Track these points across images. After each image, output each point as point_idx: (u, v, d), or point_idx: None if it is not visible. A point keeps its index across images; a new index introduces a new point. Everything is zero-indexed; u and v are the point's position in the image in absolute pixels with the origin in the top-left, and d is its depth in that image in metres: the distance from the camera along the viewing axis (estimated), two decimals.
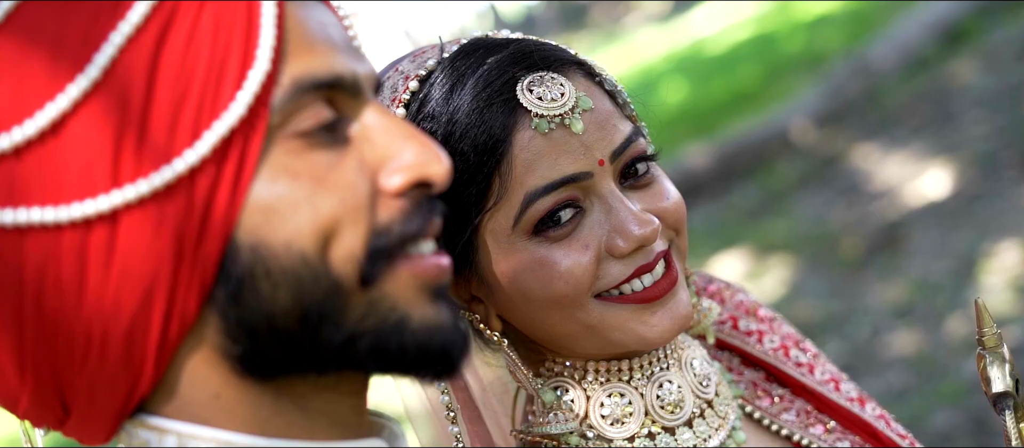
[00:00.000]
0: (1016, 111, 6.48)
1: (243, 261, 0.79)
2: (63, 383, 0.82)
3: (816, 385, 1.41)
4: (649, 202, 1.23)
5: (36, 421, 0.87)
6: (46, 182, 0.77)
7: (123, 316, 0.79)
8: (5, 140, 0.77)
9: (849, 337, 4.94)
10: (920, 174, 6.26)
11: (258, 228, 0.79)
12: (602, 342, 1.24)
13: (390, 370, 0.85)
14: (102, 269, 0.77)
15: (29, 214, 0.77)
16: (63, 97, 0.77)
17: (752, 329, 1.44)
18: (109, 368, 0.80)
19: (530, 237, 1.20)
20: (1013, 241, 5.09)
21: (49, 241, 0.77)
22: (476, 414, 1.32)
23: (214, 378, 0.83)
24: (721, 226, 6.80)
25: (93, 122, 0.77)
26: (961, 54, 7.87)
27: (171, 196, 0.77)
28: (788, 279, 5.74)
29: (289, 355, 0.82)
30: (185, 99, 0.78)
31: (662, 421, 1.27)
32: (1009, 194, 5.59)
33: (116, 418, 0.84)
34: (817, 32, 10.37)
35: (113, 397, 0.82)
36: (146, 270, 0.78)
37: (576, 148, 1.19)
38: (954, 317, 4.73)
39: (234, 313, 0.80)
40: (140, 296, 0.78)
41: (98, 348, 0.79)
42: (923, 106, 7.28)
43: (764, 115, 8.25)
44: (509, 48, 1.23)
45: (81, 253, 0.77)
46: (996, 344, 1.19)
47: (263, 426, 0.84)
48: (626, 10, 20.57)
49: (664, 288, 1.23)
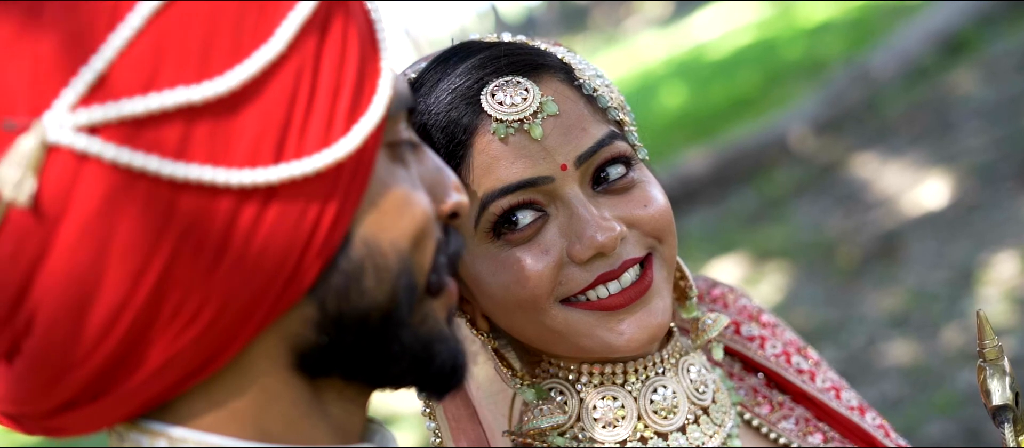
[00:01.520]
0: (1015, 122, 6.48)
1: (355, 255, 0.82)
2: (142, 351, 0.78)
3: (817, 392, 1.41)
4: (624, 208, 1.23)
5: (51, 394, 0.81)
6: (216, 143, 0.76)
7: (242, 295, 0.78)
8: (187, 94, 0.75)
9: (844, 345, 4.94)
10: (918, 183, 6.26)
11: (374, 224, 0.83)
12: (572, 347, 1.25)
13: (418, 381, 0.90)
14: (243, 243, 0.77)
15: (191, 170, 0.75)
16: (250, 63, 0.77)
17: (755, 335, 1.44)
18: (201, 344, 0.78)
19: (492, 240, 1.21)
20: (1010, 252, 5.09)
21: (203, 203, 0.76)
22: (471, 412, 1.31)
23: (265, 369, 0.83)
24: (718, 232, 6.80)
25: (269, 95, 0.77)
26: (961, 64, 7.88)
27: (320, 182, 0.79)
28: (784, 286, 5.74)
29: (358, 354, 0.85)
30: (339, 91, 0.80)
31: (655, 426, 1.27)
32: (1007, 205, 5.59)
33: (151, 403, 0.81)
34: (818, 39, 10.38)
35: (177, 374, 0.79)
36: (279, 253, 0.78)
37: (536, 153, 1.19)
38: (950, 327, 4.73)
39: (334, 305, 0.82)
40: (265, 279, 0.78)
41: (204, 323, 0.77)
42: (922, 115, 7.29)
43: (763, 121, 8.26)
44: (483, 52, 1.24)
45: (230, 222, 0.76)
46: (997, 357, 1.19)
47: (264, 429, 0.83)
48: (627, 13, 20.59)
49: (631, 296, 1.22)
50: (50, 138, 0.73)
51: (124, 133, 0.74)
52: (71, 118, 0.74)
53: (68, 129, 0.73)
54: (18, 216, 0.74)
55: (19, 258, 0.75)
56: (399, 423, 5.18)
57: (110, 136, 0.74)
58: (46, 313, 0.76)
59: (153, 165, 0.74)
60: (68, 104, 0.74)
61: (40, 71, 0.74)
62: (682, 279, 1.37)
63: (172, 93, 0.75)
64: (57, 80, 0.74)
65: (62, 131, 0.73)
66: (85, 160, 0.74)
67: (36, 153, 0.73)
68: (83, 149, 0.73)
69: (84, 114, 0.74)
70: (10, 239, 0.75)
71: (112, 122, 0.74)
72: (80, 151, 0.73)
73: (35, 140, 0.73)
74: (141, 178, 0.74)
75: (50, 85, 0.74)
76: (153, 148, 0.74)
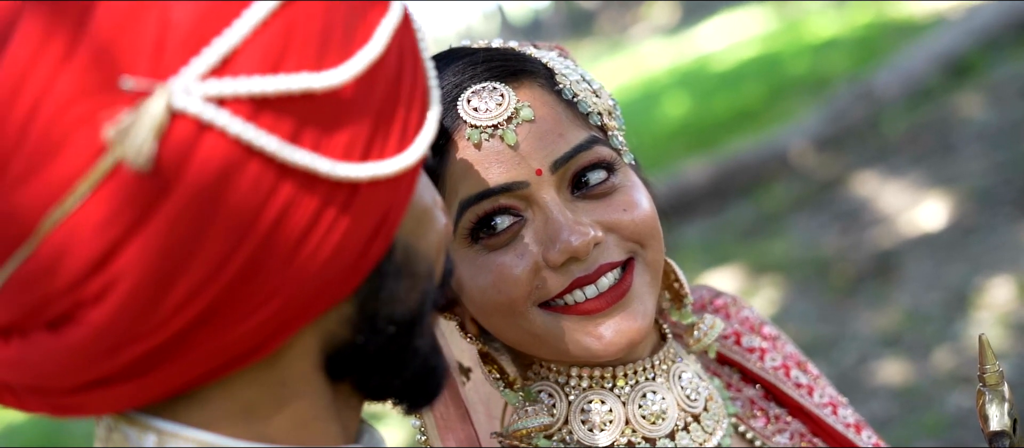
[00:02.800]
0: (1016, 148, 6.49)
1: (396, 258, 0.85)
2: (198, 334, 0.76)
3: (814, 408, 1.41)
4: (603, 213, 1.23)
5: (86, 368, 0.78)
6: (322, 134, 0.77)
7: (308, 288, 0.78)
8: (309, 80, 0.76)
9: (835, 362, 4.93)
10: (917, 204, 6.26)
11: (411, 232, 0.86)
12: (552, 350, 1.25)
13: (416, 389, 0.92)
14: (322, 236, 0.77)
15: (299, 155, 0.76)
16: (355, 61, 0.79)
17: (755, 346, 1.44)
18: (254, 333, 0.78)
19: (470, 245, 1.22)
20: (1006, 277, 5.09)
21: (300, 191, 0.76)
22: (463, 412, 1.31)
23: (293, 365, 0.83)
24: (715, 243, 6.80)
25: (366, 95, 0.79)
26: (965, 88, 7.88)
27: (390, 185, 0.81)
28: (778, 300, 5.74)
29: (381, 357, 0.87)
30: (413, 98, 0.84)
31: (643, 431, 1.27)
32: (1004, 230, 5.59)
33: (178, 390, 0.80)
34: (823, 56, 10.39)
35: (218, 361, 0.78)
36: (346, 249, 0.79)
37: (510, 158, 1.20)
38: (942, 349, 4.72)
39: (372, 306, 0.84)
40: (331, 274, 0.79)
41: (267, 312, 0.77)
42: (924, 137, 7.29)
43: (764, 135, 8.26)
44: (465, 58, 1.25)
45: (316, 213, 0.77)
46: (997, 382, 1.19)
47: (265, 429, 0.83)
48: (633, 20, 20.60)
49: (608, 301, 1.22)
50: (177, 104, 0.72)
51: (249, 109, 0.74)
52: (200, 87, 0.73)
53: (196, 98, 0.73)
54: (124, 178, 0.72)
55: (114, 221, 0.72)
56: (384, 420, 5.17)
57: (236, 110, 0.73)
58: (129, 282, 0.73)
59: (271, 146, 0.74)
60: (197, 73, 0.73)
61: (169, 37, 0.73)
62: (677, 283, 1.36)
63: (297, 77, 0.75)
64: (187, 48, 0.73)
65: (190, 99, 0.73)
66: (206, 131, 0.73)
67: (163, 117, 0.72)
68: (209, 120, 0.73)
69: (214, 85, 0.73)
70: (109, 201, 0.72)
71: (241, 97, 0.74)
72: (206, 121, 0.73)
73: (162, 104, 0.72)
74: (255, 157, 0.74)
75: (179, 52, 0.73)
76: (272, 129, 0.74)
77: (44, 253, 0.73)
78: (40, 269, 0.74)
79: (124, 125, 0.71)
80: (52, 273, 0.74)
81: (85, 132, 0.72)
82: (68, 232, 0.72)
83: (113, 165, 0.72)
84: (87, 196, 0.72)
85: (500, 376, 1.30)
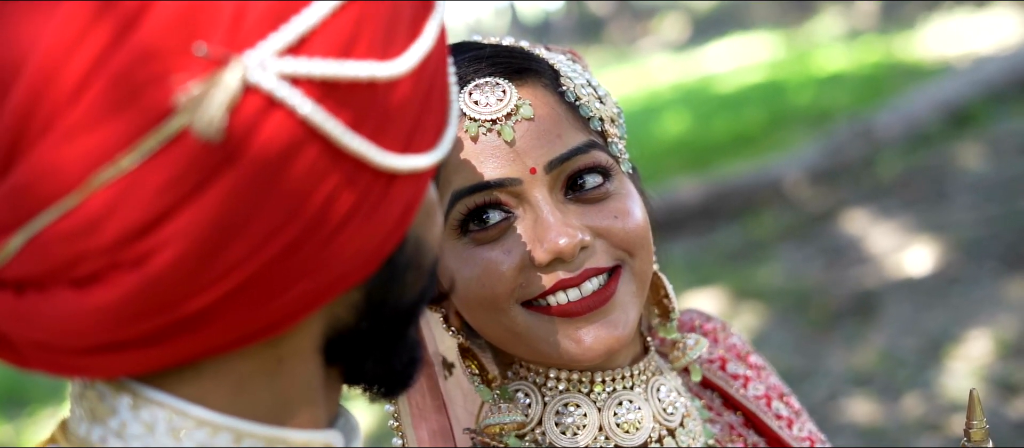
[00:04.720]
0: (1009, 203, 6.51)
1: (408, 250, 0.86)
2: (227, 307, 0.76)
3: (792, 441, 1.41)
4: (594, 218, 1.22)
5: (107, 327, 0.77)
6: (379, 123, 0.78)
7: (335, 272, 0.78)
8: (376, 69, 0.77)
9: (806, 396, 4.93)
10: (904, 248, 6.28)
11: (421, 224, 0.88)
12: (531, 350, 1.25)
13: (398, 376, 0.93)
14: (360, 223, 0.78)
15: (356, 142, 0.76)
16: (410, 54, 0.80)
17: (739, 374, 1.45)
18: (276, 311, 0.78)
19: (459, 236, 1.22)
20: (983, 330, 5.10)
21: (349, 177, 0.77)
22: (440, 404, 1.32)
23: (296, 346, 0.84)
24: (701, 264, 6.81)
25: (415, 87, 0.81)
26: (964, 137, 7.91)
27: (417, 178, 0.82)
28: (756, 328, 5.74)
29: (379, 344, 0.89)
30: (445, 94, 0.86)
31: (616, 439, 1.27)
32: (987, 284, 5.61)
33: (186, 360, 0.79)
34: (827, 89, 10.42)
35: (233, 335, 0.78)
36: (374, 237, 0.80)
37: (506, 154, 1.20)
38: (912, 395, 4.74)
39: (379, 294, 0.85)
40: (363, 261, 0.80)
41: (295, 292, 0.77)
42: (918, 181, 7.31)
43: (760, 161, 8.28)
44: (473, 52, 1.26)
45: (358, 200, 0.78)
46: (983, 438, 1.20)
47: (247, 407, 0.82)
48: (643, 33, 20.61)
49: (590, 305, 1.21)
50: (251, 78, 0.72)
51: (319, 91, 0.74)
52: (276, 63, 0.73)
53: (271, 73, 0.72)
54: (189, 146, 0.71)
55: (172, 188, 0.71)
56: (350, 404, 5.16)
57: (308, 91, 0.73)
58: (175, 250, 0.72)
59: (335, 130, 0.75)
60: (274, 49, 0.73)
61: (248, 10, 0.73)
62: (666, 297, 1.36)
63: (366, 64, 0.76)
64: (265, 23, 0.73)
65: (264, 73, 0.72)
66: (276, 107, 0.72)
67: (237, 90, 0.71)
68: (282, 97, 0.72)
69: (290, 63, 0.73)
70: (169, 167, 0.71)
71: (314, 78, 0.74)
72: (278, 98, 0.72)
73: (238, 77, 0.71)
74: (317, 139, 0.74)
75: (256, 26, 0.73)
76: (337, 112, 0.75)
77: (88, 209, 0.72)
78: (81, 225, 0.72)
79: (197, 93, 0.71)
80: (94, 231, 0.72)
81: (153, 93, 0.71)
82: (120, 192, 0.71)
83: (178, 130, 0.71)
84: (146, 158, 0.71)
85: (478, 372, 1.30)
